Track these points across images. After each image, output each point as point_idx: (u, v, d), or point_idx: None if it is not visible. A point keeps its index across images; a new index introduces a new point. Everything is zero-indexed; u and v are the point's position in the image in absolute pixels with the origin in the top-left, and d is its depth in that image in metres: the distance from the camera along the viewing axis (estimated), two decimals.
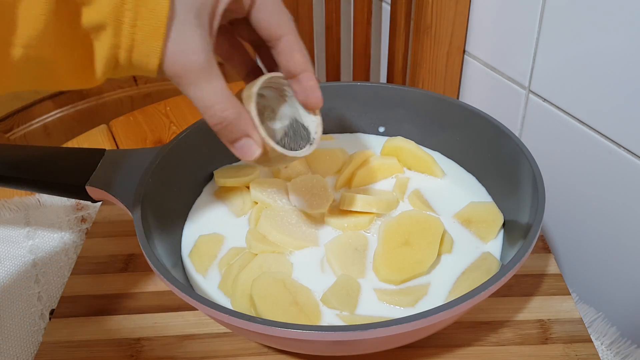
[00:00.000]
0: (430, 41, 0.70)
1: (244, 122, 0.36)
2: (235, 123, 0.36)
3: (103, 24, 0.31)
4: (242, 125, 0.36)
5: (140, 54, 0.32)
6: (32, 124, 1.29)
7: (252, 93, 0.38)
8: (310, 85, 0.39)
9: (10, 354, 0.52)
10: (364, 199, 0.53)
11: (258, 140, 0.37)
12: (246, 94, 0.39)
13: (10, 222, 0.66)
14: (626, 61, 0.50)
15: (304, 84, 0.39)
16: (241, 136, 0.37)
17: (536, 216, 0.45)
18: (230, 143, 0.37)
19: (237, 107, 0.36)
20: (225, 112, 0.35)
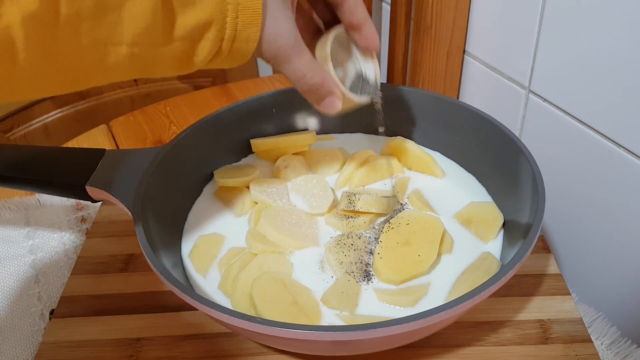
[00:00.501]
0: (430, 41, 0.70)
1: (328, 84, 0.42)
2: (321, 86, 0.42)
3: (209, 21, 0.34)
4: (327, 86, 0.42)
5: (240, 42, 0.36)
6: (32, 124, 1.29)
7: (327, 54, 0.43)
8: (371, 35, 0.46)
9: (10, 354, 0.52)
10: (364, 199, 0.53)
11: (340, 96, 0.43)
12: (321, 55, 0.44)
13: (10, 222, 0.66)
14: (626, 61, 0.50)
15: (365, 32, 0.45)
16: (326, 95, 0.43)
17: (536, 216, 0.45)
18: (318, 102, 0.43)
19: (322, 72, 0.42)
20: (314, 79, 0.41)
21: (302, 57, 0.40)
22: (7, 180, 0.53)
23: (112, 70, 0.32)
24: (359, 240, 0.51)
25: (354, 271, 0.49)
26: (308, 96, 0.43)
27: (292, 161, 0.60)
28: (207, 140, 0.59)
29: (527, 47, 0.61)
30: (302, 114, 0.65)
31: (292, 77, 0.41)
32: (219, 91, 0.94)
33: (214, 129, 0.60)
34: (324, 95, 0.43)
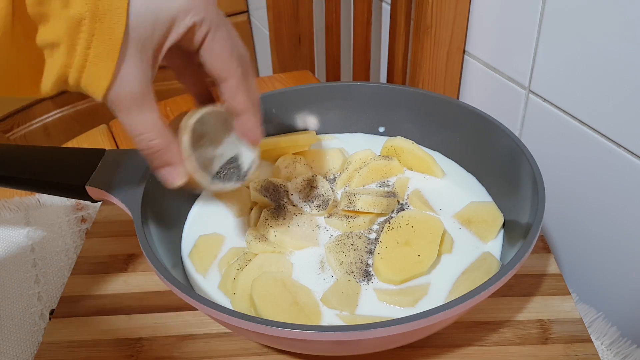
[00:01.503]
0: (430, 41, 0.70)
1: (170, 153, 0.38)
2: (161, 153, 0.37)
3: (57, 43, 0.32)
4: (167, 156, 0.38)
5: (90, 76, 0.33)
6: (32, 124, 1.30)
7: (189, 125, 0.40)
8: (249, 125, 0.41)
9: (11, 354, 0.52)
10: (364, 199, 0.53)
11: (181, 171, 0.39)
12: (184, 124, 0.40)
13: (11, 222, 0.66)
14: (626, 61, 0.50)
15: (244, 120, 0.41)
16: (164, 165, 0.38)
17: (536, 216, 0.45)
18: (155, 169, 0.39)
19: (166, 138, 0.37)
20: (152, 141, 0.37)
21: (145, 114, 0.36)
22: (7, 180, 0.53)
23: None
24: (359, 240, 0.51)
25: (354, 271, 0.49)
26: (146, 158, 0.38)
27: (292, 161, 0.60)
28: None
29: (527, 47, 0.61)
30: (302, 114, 0.65)
31: (129, 130, 0.36)
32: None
33: None
34: (162, 164, 0.38)
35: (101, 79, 0.33)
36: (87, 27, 0.32)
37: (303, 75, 1.03)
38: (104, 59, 0.33)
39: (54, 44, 0.32)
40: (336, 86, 0.64)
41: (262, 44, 1.45)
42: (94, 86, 0.34)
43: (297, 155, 0.61)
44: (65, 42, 0.32)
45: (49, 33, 0.32)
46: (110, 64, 0.33)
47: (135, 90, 0.35)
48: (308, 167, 0.60)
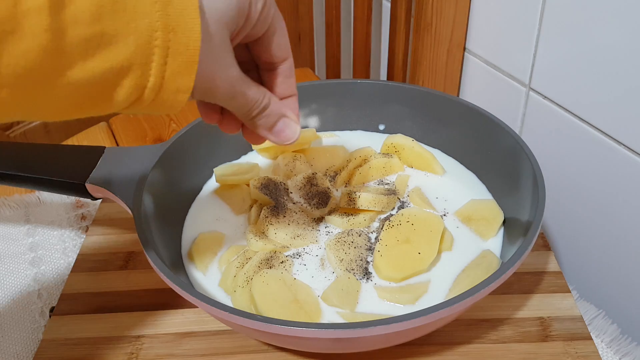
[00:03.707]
0: (430, 38, 0.70)
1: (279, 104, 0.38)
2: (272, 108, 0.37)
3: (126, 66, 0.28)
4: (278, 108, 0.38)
5: (168, 93, 0.30)
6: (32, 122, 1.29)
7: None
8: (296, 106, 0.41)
9: (11, 352, 0.52)
10: (364, 196, 0.53)
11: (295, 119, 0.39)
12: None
13: (10, 220, 0.66)
14: (626, 59, 0.50)
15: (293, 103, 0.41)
16: (279, 118, 0.38)
17: (536, 214, 0.45)
18: (271, 130, 0.39)
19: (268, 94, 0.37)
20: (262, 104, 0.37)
21: (249, 85, 0.36)
22: (7, 177, 0.53)
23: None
24: (359, 238, 0.51)
25: (354, 269, 0.49)
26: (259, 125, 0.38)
27: (292, 159, 0.60)
28: (207, 138, 0.59)
29: (527, 45, 0.61)
30: (302, 112, 0.65)
31: (244, 109, 0.37)
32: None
33: (213, 126, 0.59)
34: (277, 119, 0.38)
35: (180, 93, 0.30)
36: (161, 41, 0.28)
37: (303, 72, 1.02)
38: (184, 71, 0.30)
39: (122, 67, 0.28)
40: (336, 84, 0.64)
41: None
42: (172, 101, 0.31)
43: (297, 153, 0.61)
44: (136, 63, 0.28)
45: (113, 56, 0.27)
46: (189, 77, 0.30)
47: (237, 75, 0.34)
48: (308, 164, 0.60)
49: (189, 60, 0.29)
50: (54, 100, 0.28)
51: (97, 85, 0.28)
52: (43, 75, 0.26)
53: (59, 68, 0.26)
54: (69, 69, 0.26)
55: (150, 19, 0.28)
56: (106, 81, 0.28)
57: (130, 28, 0.27)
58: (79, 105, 0.29)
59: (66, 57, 0.26)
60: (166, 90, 0.30)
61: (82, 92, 0.28)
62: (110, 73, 0.28)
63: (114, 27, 0.27)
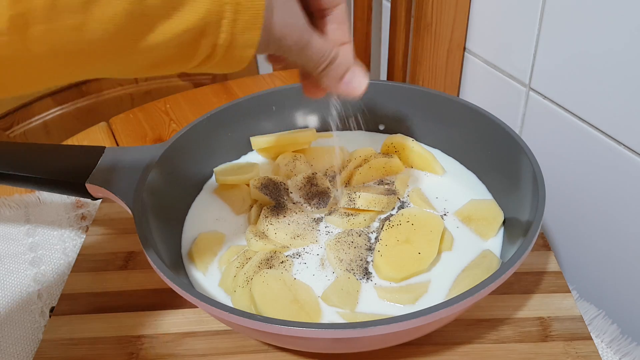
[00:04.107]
0: (430, 38, 0.70)
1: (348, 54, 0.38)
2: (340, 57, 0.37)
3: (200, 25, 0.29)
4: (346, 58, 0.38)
5: (237, 48, 0.31)
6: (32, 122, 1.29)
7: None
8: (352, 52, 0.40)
9: (11, 352, 0.52)
10: (364, 196, 0.53)
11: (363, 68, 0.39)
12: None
13: (10, 220, 0.66)
14: (627, 59, 0.50)
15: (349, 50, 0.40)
16: (348, 68, 0.38)
17: (536, 214, 0.45)
18: (340, 81, 0.38)
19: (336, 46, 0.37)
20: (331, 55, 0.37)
21: (317, 38, 0.36)
22: (7, 177, 0.53)
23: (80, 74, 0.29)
24: (359, 238, 0.51)
25: (354, 269, 0.49)
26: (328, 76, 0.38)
27: (292, 159, 0.60)
28: (207, 138, 0.59)
29: (527, 45, 0.61)
30: (303, 112, 0.65)
31: (314, 60, 0.37)
32: (218, 89, 0.94)
33: (213, 126, 0.60)
34: (345, 69, 0.38)
35: (247, 48, 0.31)
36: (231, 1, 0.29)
37: None
38: (251, 26, 0.30)
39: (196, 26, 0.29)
40: None
41: None
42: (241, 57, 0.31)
43: (297, 153, 0.61)
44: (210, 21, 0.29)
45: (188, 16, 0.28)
46: (256, 32, 0.31)
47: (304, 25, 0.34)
48: (308, 164, 0.60)
49: (255, 14, 0.30)
50: (133, 62, 0.29)
51: (175, 46, 0.29)
52: (126, 39, 0.27)
53: (141, 31, 0.27)
54: (150, 32, 0.28)
55: None
56: (183, 41, 0.29)
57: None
58: (156, 65, 0.30)
59: (148, 20, 0.27)
60: (236, 46, 0.31)
61: (162, 52, 0.29)
62: (187, 33, 0.29)
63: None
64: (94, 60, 0.28)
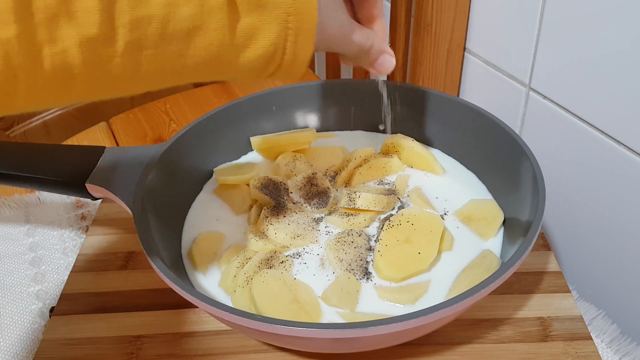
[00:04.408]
0: (430, 38, 0.70)
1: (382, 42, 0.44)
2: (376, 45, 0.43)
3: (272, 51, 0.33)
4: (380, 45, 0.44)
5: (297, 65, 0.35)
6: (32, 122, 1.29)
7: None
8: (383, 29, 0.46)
9: (11, 352, 0.52)
10: (364, 196, 0.53)
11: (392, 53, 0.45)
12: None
13: (10, 220, 0.66)
14: (627, 59, 0.50)
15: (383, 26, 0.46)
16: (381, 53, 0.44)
17: (536, 214, 0.45)
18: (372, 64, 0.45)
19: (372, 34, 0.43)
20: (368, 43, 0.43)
21: (357, 32, 0.41)
22: (7, 177, 0.53)
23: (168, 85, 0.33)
24: (359, 238, 0.51)
25: (354, 269, 0.49)
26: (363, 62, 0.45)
27: (292, 159, 0.60)
28: (207, 138, 0.59)
29: (527, 45, 0.61)
30: (303, 112, 0.65)
31: (353, 52, 0.42)
32: (219, 89, 0.94)
33: (214, 126, 0.60)
34: (378, 53, 0.44)
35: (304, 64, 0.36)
36: (293, 24, 0.33)
37: None
38: (307, 44, 0.34)
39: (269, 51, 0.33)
40: (336, 84, 0.64)
41: None
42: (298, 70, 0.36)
43: (297, 153, 0.61)
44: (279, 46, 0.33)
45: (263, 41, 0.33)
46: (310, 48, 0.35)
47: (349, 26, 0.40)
48: (308, 164, 0.60)
49: (311, 33, 0.34)
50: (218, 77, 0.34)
51: (251, 67, 0.34)
52: (216, 64, 0.32)
53: (228, 57, 0.32)
54: (234, 58, 0.32)
55: (285, 7, 0.32)
56: (258, 64, 0.34)
57: (272, 17, 0.32)
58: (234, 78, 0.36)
59: (233, 48, 0.32)
60: (296, 60, 0.35)
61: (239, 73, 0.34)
62: (261, 57, 0.33)
63: (261, 19, 0.32)
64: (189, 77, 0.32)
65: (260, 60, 0.33)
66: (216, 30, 0.30)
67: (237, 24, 0.31)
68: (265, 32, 0.33)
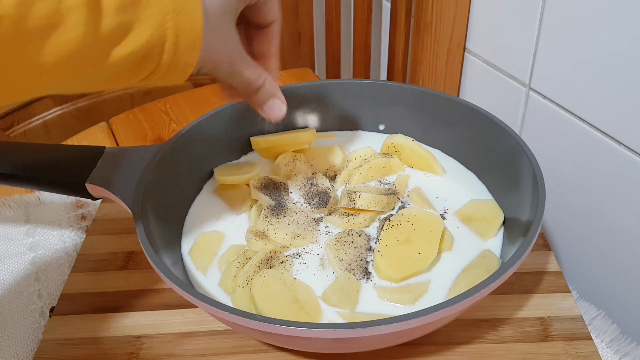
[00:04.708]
0: (430, 38, 0.70)
1: (272, 85, 0.43)
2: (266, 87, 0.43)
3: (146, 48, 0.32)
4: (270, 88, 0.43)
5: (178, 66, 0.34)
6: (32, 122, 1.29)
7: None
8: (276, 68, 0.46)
9: (11, 352, 0.52)
10: (364, 196, 0.53)
11: (283, 100, 0.45)
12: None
13: (10, 220, 0.66)
14: (627, 59, 0.50)
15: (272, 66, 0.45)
16: (270, 97, 0.44)
17: (536, 213, 0.45)
18: (261, 105, 0.44)
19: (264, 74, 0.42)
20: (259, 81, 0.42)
21: (248, 66, 0.40)
22: (7, 178, 0.53)
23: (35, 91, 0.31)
24: (359, 238, 0.51)
25: (354, 269, 0.49)
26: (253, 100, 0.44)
27: (292, 159, 0.60)
28: (207, 138, 0.59)
29: (527, 45, 0.61)
30: (303, 112, 0.65)
31: (241, 86, 0.42)
32: (219, 89, 0.94)
33: (213, 126, 0.60)
34: (268, 97, 0.44)
35: (187, 66, 0.34)
36: (172, 23, 0.32)
37: (303, 72, 1.02)
38: (191, 47, 0.34)
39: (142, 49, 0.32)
40: (336, 84, 0.64)
41: None
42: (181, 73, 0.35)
43: (297, 153, 0.61)
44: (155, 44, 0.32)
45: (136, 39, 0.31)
46: (195, 51, 0.34)
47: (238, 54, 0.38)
48: (308, 164, 0.60)
49: (195, 37, 0.33)
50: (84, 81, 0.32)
51: (123, 66, 0.32)
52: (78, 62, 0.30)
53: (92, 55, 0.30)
54: (100, 56, 0.31)
55: (162, 5, 0.31)
56: (130, 63, 0.32)
57: (146, 14, 0.31)
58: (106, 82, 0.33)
59: (98, 46, 0.30)
60: (177, 64, 0.34)
61: (110, 73, 0.32)
62: (134, 55, 0.32)
63: (134, 15, 0.31)
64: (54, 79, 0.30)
65: (132, 58, 0.32)
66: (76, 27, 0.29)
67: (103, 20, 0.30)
68: (138, 29, 0.31)
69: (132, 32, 0.31)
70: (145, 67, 0.33)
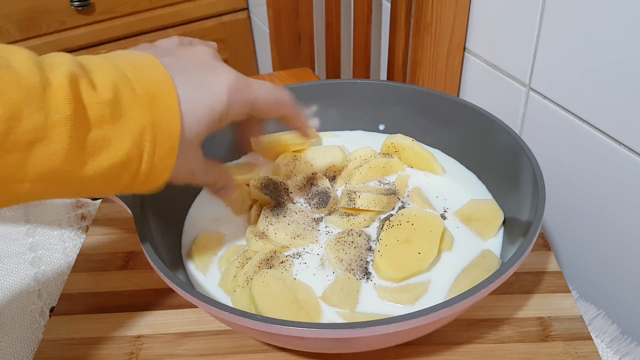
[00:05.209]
0: (430, 38, 0.70)
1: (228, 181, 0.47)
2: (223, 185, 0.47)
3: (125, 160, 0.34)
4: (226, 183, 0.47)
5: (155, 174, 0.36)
6: None
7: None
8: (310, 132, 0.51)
9: (11, 352, 0.52)
10: (364, 196, 0.53)
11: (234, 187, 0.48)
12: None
13: (10, 220, 0.66)
14: (627, 58, 0.50)
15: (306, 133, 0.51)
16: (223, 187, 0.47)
17: (536, 213, 0.45)
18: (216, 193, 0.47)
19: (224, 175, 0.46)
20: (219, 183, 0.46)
21: (209, 174, 0.44)
22: None
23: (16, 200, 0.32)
24: (359, 238, 0.51)
25: (354, 269, 0.49)
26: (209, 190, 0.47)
27: (292, 159, 0.60)
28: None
29: (527, 45, 0.61)
30: None
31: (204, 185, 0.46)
32: None
33: None
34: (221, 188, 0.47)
35: (164, 172, 0.37)
36: (150, 136, 0.34)
37: (303, 72, 1.02)
38: (167, 156, 0.36)
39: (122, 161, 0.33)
40: (336, 84, 0.64)
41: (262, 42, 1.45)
42: (158, 181, 0.37)
43: (297, 153, 0.61)
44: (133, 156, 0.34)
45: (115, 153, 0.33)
46: (171, 160, 0.36)
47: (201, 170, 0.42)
48: (308, 164, 0.60)
49: (171, 146, 0.36)
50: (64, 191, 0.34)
51: (103, 178, 0.34)
52: (61, 174, 0.32)
53: (74, 167, 0.32)
54: (81, 168, 0.32)
55: (141, 120, 0.34)
56: (110, 174, 0.34)
57: (125, 130, 0.33)
58: (86, 192, 0.35)
59: (80, 158, 0.32)
60: (155, 171, 0.36)
61: (90, 184, 0.34)
62: (113, 168, 0.33)
63: (114, 131, 0.33)
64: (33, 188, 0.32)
65: (110, 170, 0.33)
66: (60, 142, 0.30)
67: (87, 135, 0.32)
68: (117, 144, 0.33)
69: (111, 146, 0.33)
70: (122, 177, 0.35)
